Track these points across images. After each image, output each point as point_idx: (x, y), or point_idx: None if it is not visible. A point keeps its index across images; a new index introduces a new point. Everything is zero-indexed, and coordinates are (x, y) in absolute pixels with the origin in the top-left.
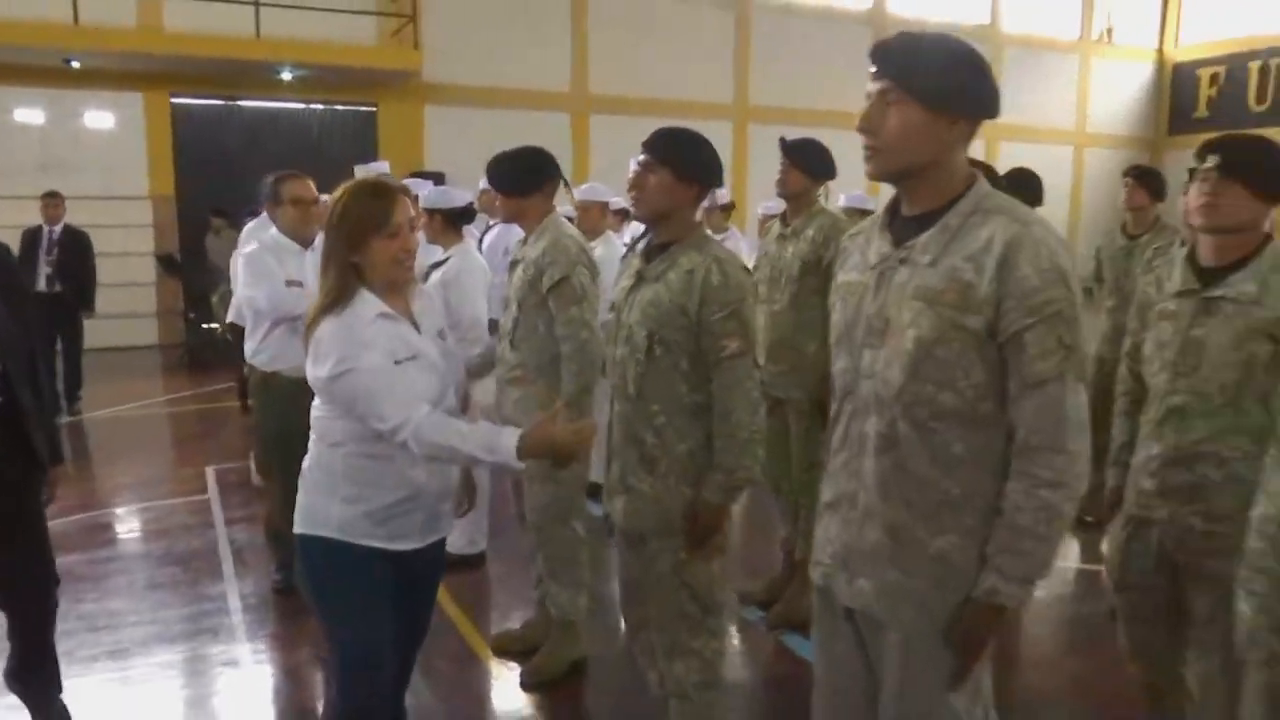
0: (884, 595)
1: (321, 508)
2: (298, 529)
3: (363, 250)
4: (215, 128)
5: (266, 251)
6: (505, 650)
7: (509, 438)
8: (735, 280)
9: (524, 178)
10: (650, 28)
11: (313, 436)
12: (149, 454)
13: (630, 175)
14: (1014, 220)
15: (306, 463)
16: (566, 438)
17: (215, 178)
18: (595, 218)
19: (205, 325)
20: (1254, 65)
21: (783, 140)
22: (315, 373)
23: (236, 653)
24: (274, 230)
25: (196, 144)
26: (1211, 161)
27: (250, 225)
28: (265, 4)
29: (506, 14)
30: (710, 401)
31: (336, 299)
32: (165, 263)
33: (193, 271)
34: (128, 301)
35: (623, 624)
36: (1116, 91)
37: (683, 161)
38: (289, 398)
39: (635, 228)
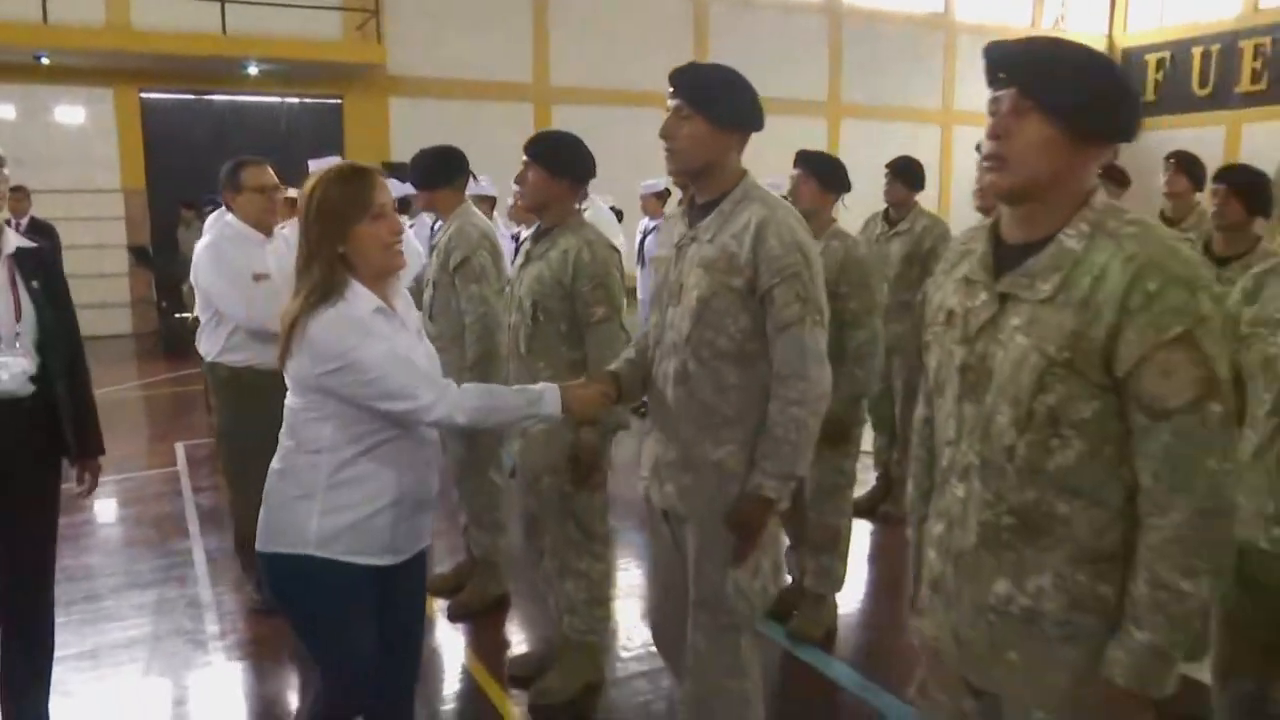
0: (683, 496)
1: (297, 522)
2: (265, 548)
3: (349, 239)
4: (184, 122)
5: (227, 243)
6: (437, 591)
7: (551, 392)
8: (602, 257)
9: (435, 173)
10: (611, 19)
11: (286, 444)
12: (123, 432)
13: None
14: (765, 206)
15: (274, 474)
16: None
17: (185, 171)
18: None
19: (178, 314)
20: (1196, 51)
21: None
22: (311, 368)
23: (201, 595)
24: (230, 218)
25: (166, 138)
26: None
27: (212, 216)
28: (231, 1)
29: (469, 7)
30: (585, 358)
31: (327, 293)
32: (137, 254)
33: (164, 262)
34: (101, 292)
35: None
36: None
37: (556, 161)
38: (262, 393)
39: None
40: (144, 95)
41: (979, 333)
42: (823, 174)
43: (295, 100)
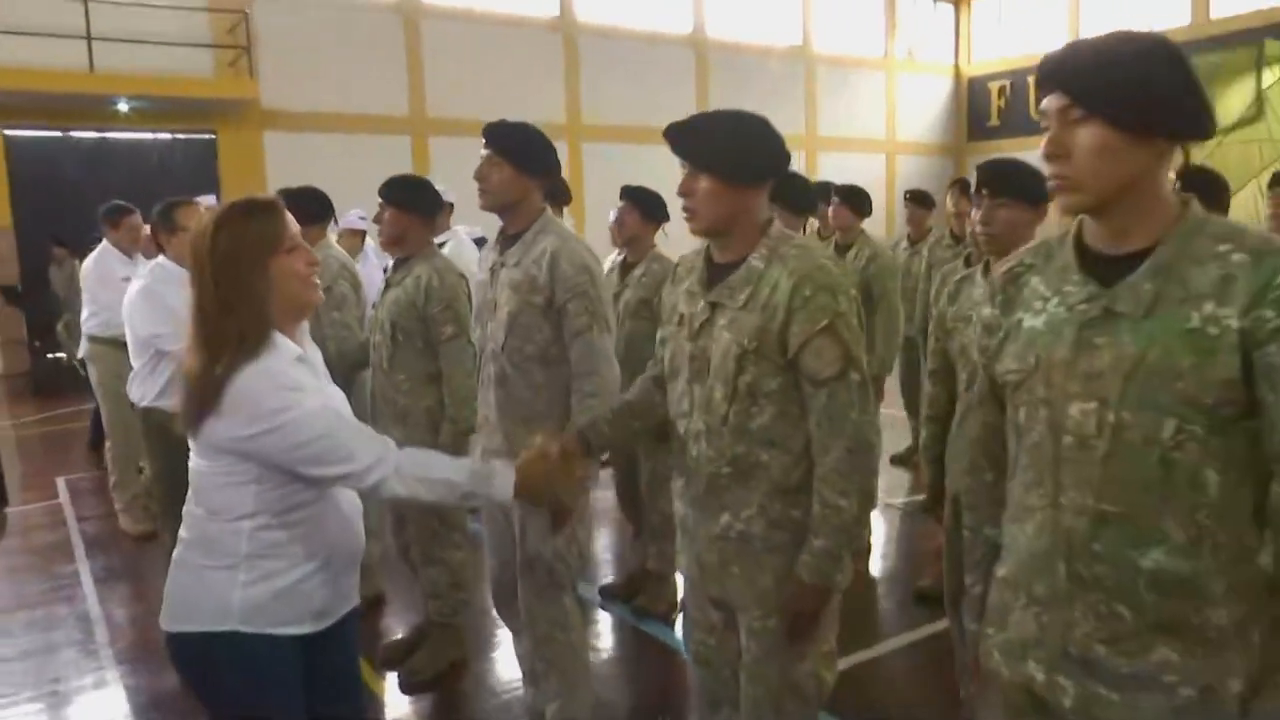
0: None
1: (215, 597)
2: (175, 627)
3: (265, 278)
4: (51, 159)
5: (162, 285)
6: (389, 659)
7: (503, 476)
8: (450, 283)
9: (302, 213)
10: (483, 51)
11: (195, 512)
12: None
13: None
14: (559, 238)
15: (183, 544)
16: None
17: (54, 208)
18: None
19: (50, 355)
20: (1031, 79)
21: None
22: (240, 430)
23: (90, 610)
24: (163, 260)
25: (33, 176)
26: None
27: (93, 255)
28: (98, 38)
29: (341, 41)
30: (439, 371)
31: (256, 343)
32: (6, 293)
33: (36, 301)
34: None
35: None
36: (921, 104)
37: (409, 201)
38: None
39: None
40: (8, 133)
41: (699, 331)
42: (645, 205)
43: (167, 136)
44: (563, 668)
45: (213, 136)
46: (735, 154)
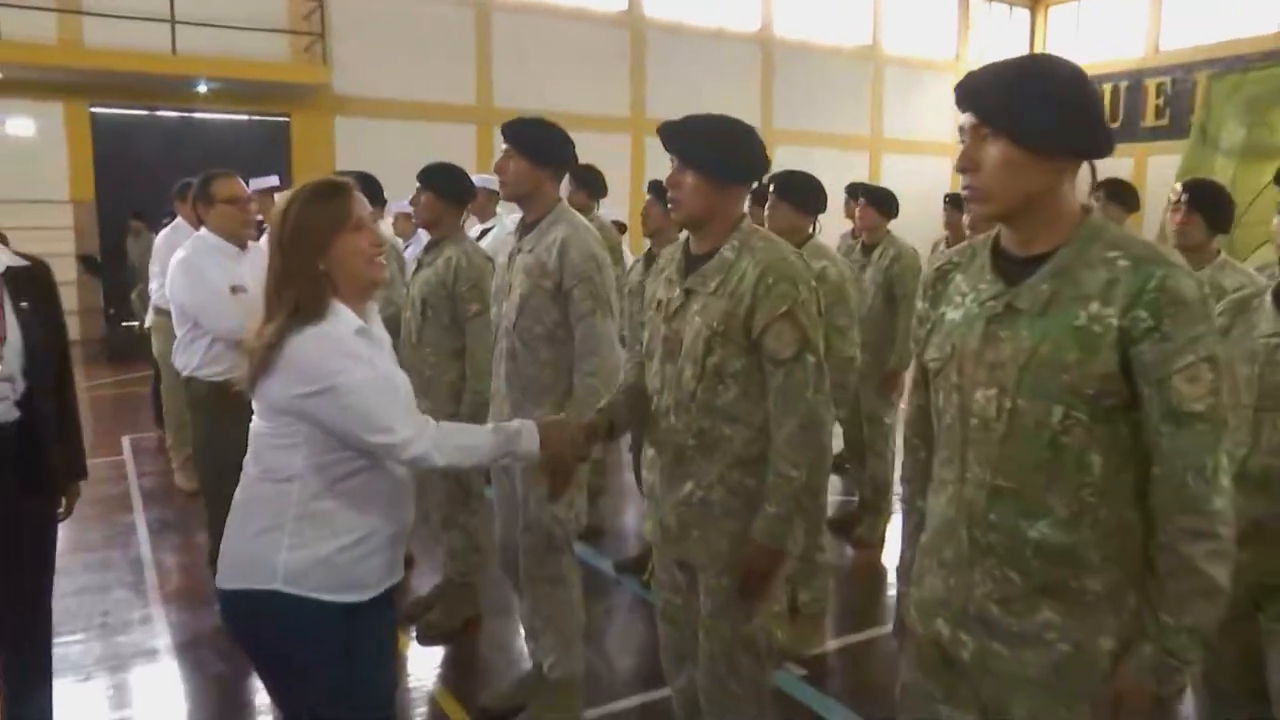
0: None
1: (262, 557)
2: (227, 584)
3: (329, 254)
4: (134, 136)
5: (201, 256)
6: (409, 615)
7: (529, 430)
8: (476, 264)
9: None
10: (551, 45)
11: (250, 471)
12: None
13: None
14: (570, 226)
15: (237, 505)
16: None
17: (135, 183)
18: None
19: (125, 323)
20: (1107, 86)
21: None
22: (292, 389)
23: (143, 555)
24: (203, 232)
25: (116, 151)
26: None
27: (166, 230)
28: (181, 22)
29: (414, 31)
30: (464, 346)
31: (310, 313)
32: (86, 263)
33: (113, 271)
34: None
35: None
36: None
37: (443, 187)
38: (243, 406)
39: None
40: (94, 110)
41: (673, 315)
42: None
43: (244, 117)
44: (559, 625)
45: (286, 119)
46: (720, 155)
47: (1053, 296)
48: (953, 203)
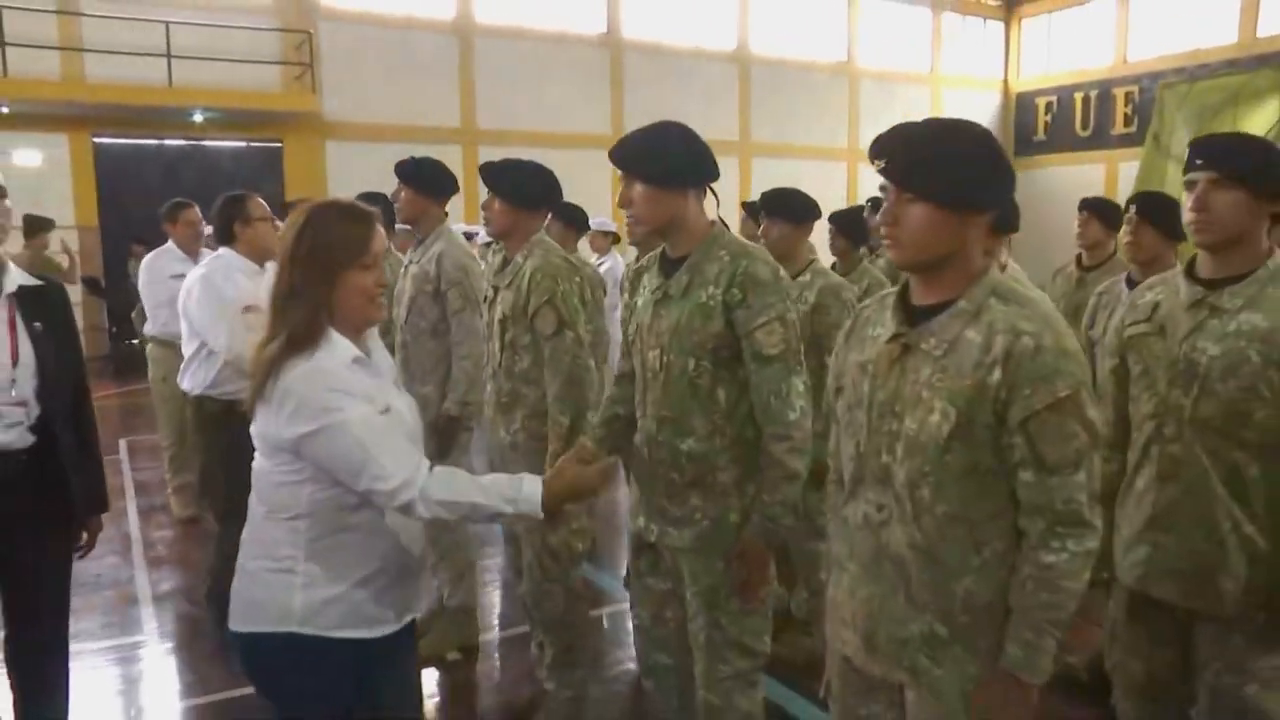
0: None
1: (276, 599)
2: (241, 627)
3: (335, 284)
4: (134, 164)
5: (220, 275)
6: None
7: (531, 485)
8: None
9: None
10: (533, 67)
11: (257, 510)
12: None
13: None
14: (447, 243)
15: (246, 544)
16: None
17: (135, 208)
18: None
19: (127, 341)
20: (1078, 95)
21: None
22: (286, 429)
23: (131, 531)
24: (225, 251)
25: (117, 179)
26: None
27: (150, 255)
28: (177, 56)
29: (399, 58)
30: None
31: (306, 341)
32: (90, 285)
33: (115, 292)
34: None
35: None
36: (969, 118)
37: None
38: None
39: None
40: (96, 140)
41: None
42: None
43: (239, 144)
44: (454, 561)
45: (279, 145)
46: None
47: (689, 284)
48: (748, 210)
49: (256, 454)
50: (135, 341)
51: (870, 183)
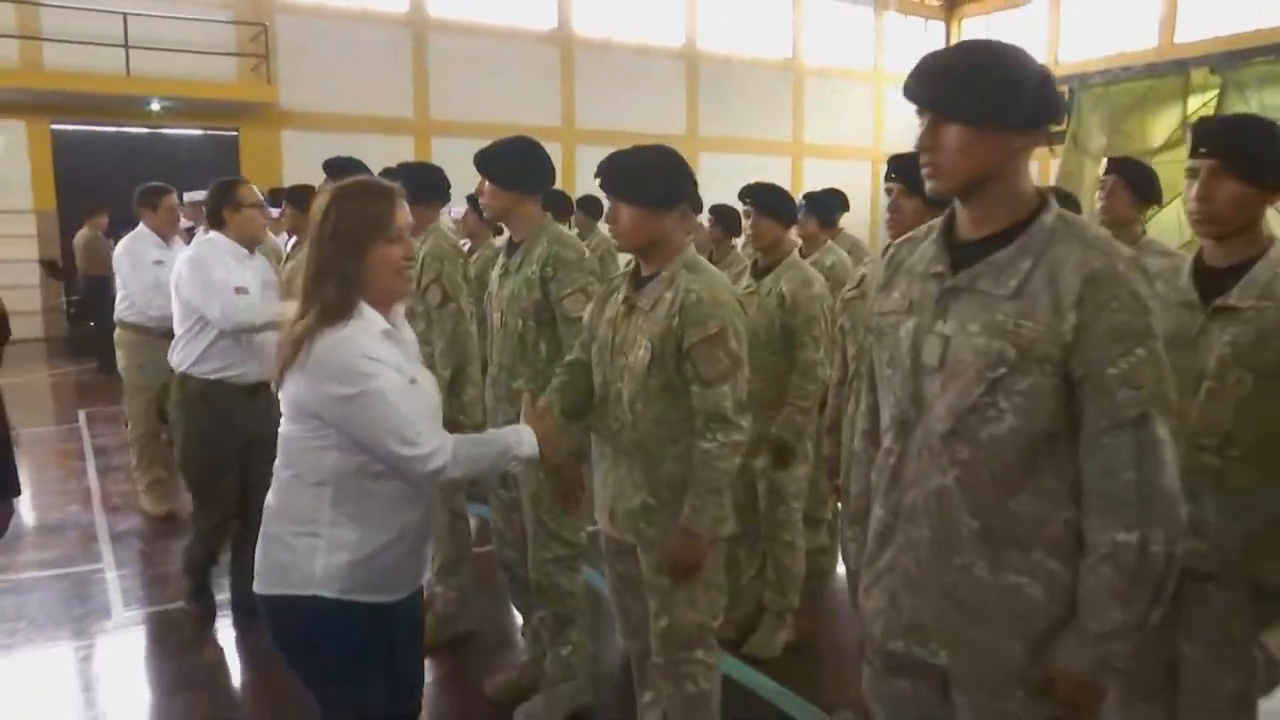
0: None
1: (299, 562)
2: (267, 590)
3: (363, 259)
4: (92, 150)
5: (211, 256)
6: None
7: (527, 434)
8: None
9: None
10: (484, 60)
11: (283, 475)
12: (33, 402)
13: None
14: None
15: (271, 510)
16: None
17: (93, 194)
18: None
19: (89, 323)
20: None
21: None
22: (318, 390)
23: (91, 486)
24: (215, 235)
25: (75, 164)
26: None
27: (127, 238)
28: (135, 46)
29: (354, 50)
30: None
31: (338, 314)
32: (48, 267)
33: (73, 275)
34: (14, 301)
35: None
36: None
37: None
38: (233, 407)
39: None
40: (55, 127)
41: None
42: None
43: (195, 132)
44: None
45: (235, 134)
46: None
47: (521, 262)
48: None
49: (283, 420)
50: (93, 323)
51: (814, 177)
